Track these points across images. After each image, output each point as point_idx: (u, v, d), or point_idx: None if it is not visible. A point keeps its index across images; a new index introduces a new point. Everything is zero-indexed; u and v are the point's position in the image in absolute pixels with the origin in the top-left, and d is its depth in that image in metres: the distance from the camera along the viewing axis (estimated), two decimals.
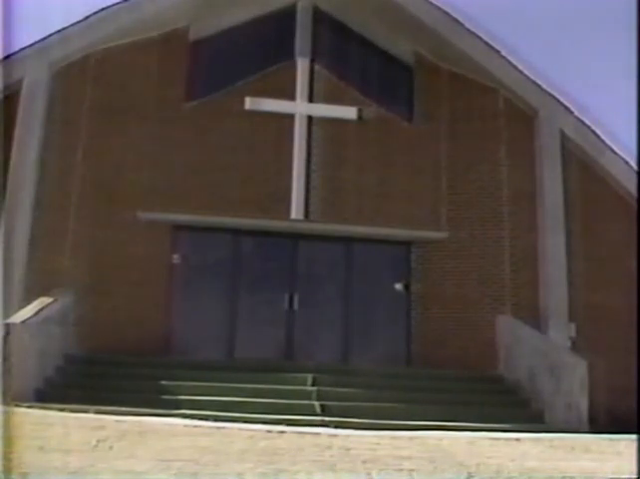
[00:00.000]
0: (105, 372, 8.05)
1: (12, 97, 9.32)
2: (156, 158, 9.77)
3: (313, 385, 8.00)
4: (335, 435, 5.62)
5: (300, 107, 9.94)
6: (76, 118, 9.58)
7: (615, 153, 10.27)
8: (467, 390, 8.43)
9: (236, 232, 9.98)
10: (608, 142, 10.26)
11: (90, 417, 6.04)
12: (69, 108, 9.64)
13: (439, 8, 10.13)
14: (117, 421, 5.69)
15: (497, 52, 10.22)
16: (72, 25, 9.64)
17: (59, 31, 9.59)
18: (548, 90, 10.38)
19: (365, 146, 10.20)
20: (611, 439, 6.00)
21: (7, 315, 7.46)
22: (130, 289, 9.38)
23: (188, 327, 9.61)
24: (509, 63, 10.23)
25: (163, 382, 7.77)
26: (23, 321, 7.41)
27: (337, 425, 6.66)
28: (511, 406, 8.25)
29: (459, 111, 10.42)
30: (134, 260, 9.46)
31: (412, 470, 4.18)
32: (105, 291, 9.24)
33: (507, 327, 9.28)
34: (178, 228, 9.74)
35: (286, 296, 9.94)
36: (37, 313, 7.75)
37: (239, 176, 9.81)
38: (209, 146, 9.90)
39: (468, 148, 10.39)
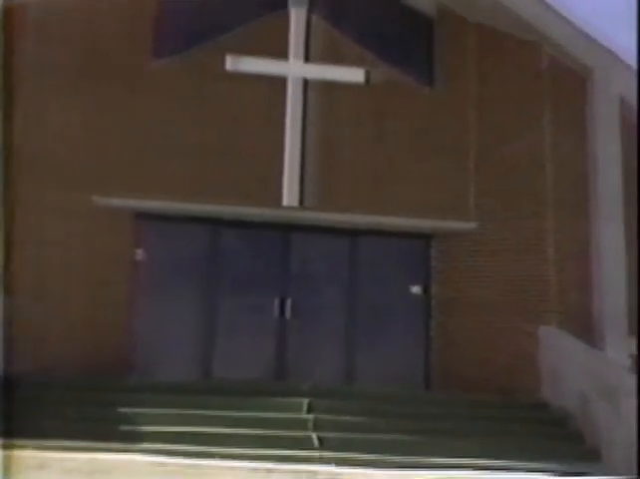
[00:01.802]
0: (48, 396, 7.99)
1: None
2: (115, 129, 9.72)
3: (309, 412, 8.10)
4: (337, 474, 5.84)
5: (294, 68, 10.02)
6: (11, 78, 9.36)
7: None
8: (502, 420, 8.44)
9: (215, 222, 10.00)
10: None
11: (27, 455, 6.05)
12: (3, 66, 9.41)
13: None
14: (61, 459, 5.77)
15: None
16: None
17: None
18: (606, 45, 10.35)
19: (374, 116, 10.19)
20: None
21: None
22: (81, 293, 9.40)
23: (155, 340, 9.68)
24: (556, 12, 10.14)
25: (123, 409, 7.78)
26: None
27: (339, 462, 6.77)
28: (559, 441, 8.27)
29: (490, 72, 10.41)
30: (87, 257, 9.46)
31: None
32: (49, 296, 9.25)
33: (552, 341, 9.35)
34: (144, 216, 9.74)
35: (276, 302, 9.98)
36: None
37: (219, 153, 9.79)
38: (182, 115, 9.85)
39: (501, 117, 10.35)
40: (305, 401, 8.20)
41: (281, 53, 9.98)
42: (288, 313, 9.95)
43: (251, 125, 9.89)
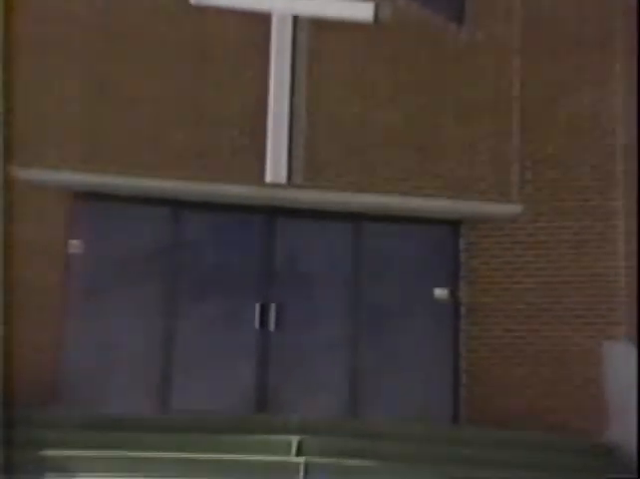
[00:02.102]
0: None
1: None
2: (41, 80, 9.53)
3: (299, 454, 8.05)
4: None
5: (280, 1, 9.84)
6: None
7: None
8: (555, 467, 8.35)
9: (176, 204, 9.86)
10: None
11: None
12: None
13: None
14: None
15: None
16: None
17: None
18: None
19: (384, 66, 9.99)
20: None
21: None
22: None
23: (93, 361, 9.49)
24: None
25: (49, 452, 7.69)
26: None
27: None
28: None
29: (541, 7, 10.25)
30: (3, 249, 9.03)
31: None
32: None
33: (622, 361, 9.19)
34: (81, 196, 9.61)
35: (257, 309, 9.80)
36: None
37: (183, 113, 9.63)
38: (132, 63, 9.67)
39: (556, 67, 10.20)
40: (295, 440, 8.17)
41: None
42: (272, 324, 9.79)
43: (225, 77, 9.76)
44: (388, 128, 9.92)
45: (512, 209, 9.97)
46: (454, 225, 10.18)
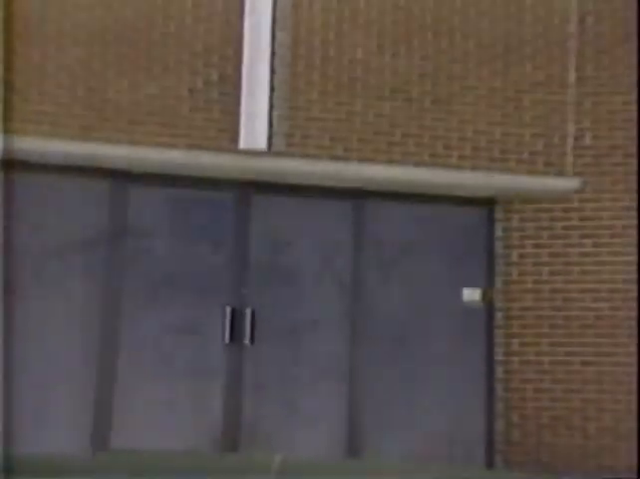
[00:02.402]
0: None
1: None
2: None
3: None
4: None
5: None
6: None
7: None
8: None
9: (122, 176, 9.55)
10: None
11: None
12: None
13: None
14: None
15: None
16: None
17: None
18: None
19: None
20: None
21: None
22: None
23: (5, 383, 9.08)
24: None
25: None
26: None
27: None
28: None
29: None
30: None
31: None
32: None
33: None
34: None
35: (226, 315, 9.44)
36: None
37: (126, 54, 9.33)
38: None
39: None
40: None
41: None
42: (247, 336, 9.49)
43: (185, 7, 9.60)
44: (398, 77, 9.74)
45: (566, 183, 9.73)
46: (486, 205, 9.96)
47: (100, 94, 9.39)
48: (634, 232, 9.68)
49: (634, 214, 9.70)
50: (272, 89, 9.49)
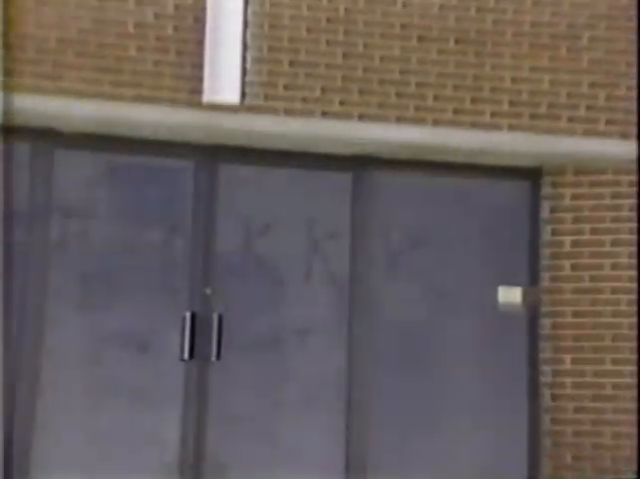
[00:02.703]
0: None
1: None
2: None
3: None
4: None
5: None
6: None
7: None
8: None
9: (50, 136, 8.38)
10: None
11: None
12: None
13: None
14: None
15: None
16: None
17: None
18: None
19: None
20: None
21: None
22: None
23: None
24: None
25: None
26: None
27: None
28: None
29: None
30: None
31: None
32: None
33: None
34: None
35: (186, 321, 8.22)
36: None
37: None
38: None
39: None
40: None
41: None
42: (212, 349, 8.24)
43: None
44: (412, 8, 8.65)
45: (632, 149, 8.38)
46: (529, 177, 8.70)
47: (31, 34, 8.15)
48: None
49: None
50: (245, 23, 8.20)
